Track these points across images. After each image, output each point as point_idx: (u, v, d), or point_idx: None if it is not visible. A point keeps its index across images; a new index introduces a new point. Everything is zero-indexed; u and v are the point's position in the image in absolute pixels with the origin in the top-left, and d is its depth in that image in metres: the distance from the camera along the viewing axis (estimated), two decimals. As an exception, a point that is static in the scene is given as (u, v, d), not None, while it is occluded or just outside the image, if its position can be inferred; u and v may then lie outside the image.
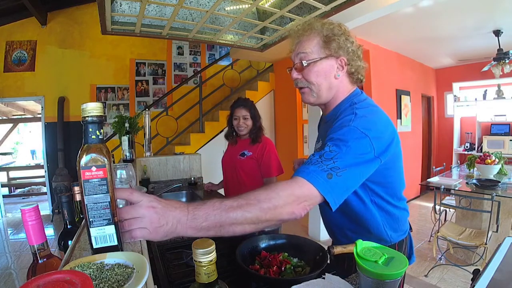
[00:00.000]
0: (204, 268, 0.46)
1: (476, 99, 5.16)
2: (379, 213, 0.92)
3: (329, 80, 0.90)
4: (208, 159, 3.20)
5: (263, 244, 0.94)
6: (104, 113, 4.98)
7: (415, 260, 1.04)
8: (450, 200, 3.38)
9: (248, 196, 0.66)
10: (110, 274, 0.46)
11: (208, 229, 0.61)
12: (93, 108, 0.53)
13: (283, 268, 0.80)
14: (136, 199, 0.59)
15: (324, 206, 0.74)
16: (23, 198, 5.99)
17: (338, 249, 0.81)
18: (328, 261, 0.80)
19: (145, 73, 5.42)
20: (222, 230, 0.62)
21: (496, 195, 2.27)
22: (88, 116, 0.52)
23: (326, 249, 0.81)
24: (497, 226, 2.34)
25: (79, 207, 0.84)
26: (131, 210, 0.57)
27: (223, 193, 2.18)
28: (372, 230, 0.93)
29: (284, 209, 0.66)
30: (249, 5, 1.41)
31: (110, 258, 0.50)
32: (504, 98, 4.75)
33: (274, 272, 0.78)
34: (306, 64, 0.88)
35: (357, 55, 0.93)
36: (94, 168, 0.52)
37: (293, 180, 0.71)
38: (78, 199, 0.82)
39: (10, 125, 7.14)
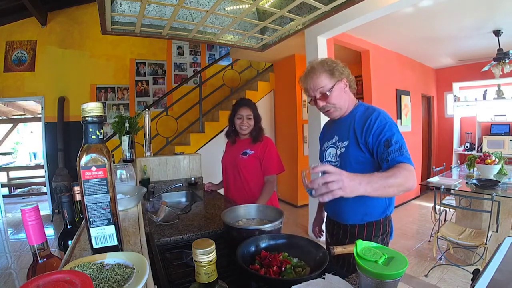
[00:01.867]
0: (204, 268, 0.46)
1: (476, 99, 5.16)
2: None
3: (343, 97, 1.26)
4: (208, 159, 3.20)
5: (263, 244, 0.94)
6: (104, 113, 4.98)
7: (393, 237, 1.32)
8: (450, 200, 3.38)
9: (393, 171, 0.99)
10: (110, 274, 0.46)
11: (376, 189, 0.91)
12: (93, 108, 0.53)
13: (283, 268, 0.80)
14: (333, 170, 0.83)
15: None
16: (23, 198, 5.99)
17: (338, 249, 0.83)
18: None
19: (145, 73, 5.42)
20: (384, 190, 0.93)
21: (496, 195, 2.27)
22: (88, 116, 0.53)
23: (326, 249, 0.82)
24: (497, 226, 2.34)
25: (79, 207, 0.84)
26: (330, 176, 0.82)
27: (222, 193, 2.18)
28: (378, 203, 1.23)
29: (410, 180, 0.99)
30: (249, 5, 1.41)
31: (110, 258, 0.50)
32: (504, 98, 4.75)
33: (274, 272, 0.78)
34: (329, 94, 1.22)
35: (348, 72, 1.28)
36: (94, 168, 0.52)
37: (404, 164, 1.04)
38: (78, 199, 0.83)
39: (10, 125, 7.14)
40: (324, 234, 1.52)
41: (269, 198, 1.88)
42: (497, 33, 3.69)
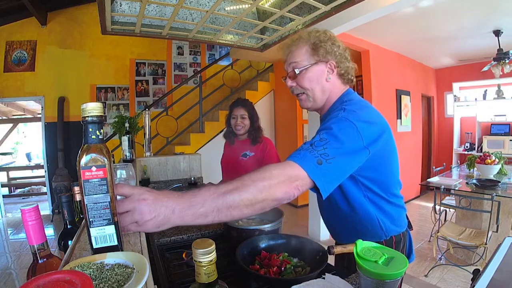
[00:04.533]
0: (204, 268, 0.46)
1: (476, 99, 5.16)
2: (373, 208, 0.94)
3: (321, 84, 0.95)
4: (208, 159, 3.19)
5: (263, 244, 0.94)
6: (104, 113, 4.98)
7: (415, 259, 1.06)
8: (450, 200, 3.38)
9: (242, 178, 0.67)
10: (110, 274, 0.46)
11: (206, 215, 0.61)
12: (93, 108, 0.53)
13: (283, 268, 0.80)
14: (128, 193, 0.59)
15: (321, 202, 0.76)
16: (23, 198, 5.99)
17: (338, 249, 0.82)
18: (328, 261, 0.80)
19: (145, 73, 5.42)
20: (220, 214, 0.62)
21: (496, 195, 2.27)
22: (88, 116, 0.52)
23: (326, 249, 0.82)
24: (497, 226, 2.34)
25: (79, 207, 0.84)
26: (122, 204, 0.58)
27: None
28: (367, 225, 0.95)
29: (278, 188, 0.67)
30: (249, 5, 1.41)
31: (110, 258, 0.50)
32: (504, 98, 4.75)
33: (274, 272, 0.78)
34: (298, 72, 0.94)
35: (345, 57, 0.98)
36: (94, 168, 0.52)
37: (284, 162, 0.72)
38: (78, 199, 0.82)
39: (10, 125, 7.14)
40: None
41: None
42: (497, 33, 3.69)
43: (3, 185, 5.73)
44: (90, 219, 0.53)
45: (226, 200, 0.62)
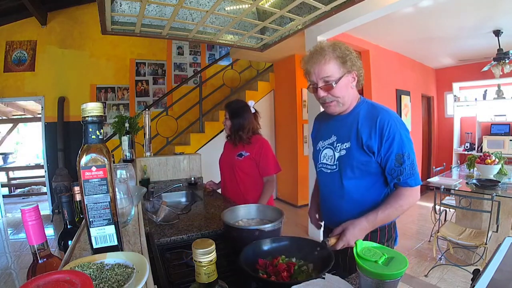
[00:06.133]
0: (204, 268, 0.46)
1: (476, 99, 5.16)
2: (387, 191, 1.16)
3: (349, 91, 1.12)
4: (208, 159, 3.19)
5: (265, 248, 0.91)
6: (104, 113, 4.99)
7: (397, 242, 1.26)
8: (450, 200, 3.38)
9: (399, 203, 1.06)
10: (110, 274, 0.46)
11: (381, 223, 1.07)
12: (93, 108, 0.53)
13: (292, 271, 0.79)
14: (340, 245, 0.99)
15: (337, 190, 1.15)
16: (23, 198, 5.99)
17: (332, 240, 0.94)
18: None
19: (145, 73, 5.42)
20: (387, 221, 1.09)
21: (496, 195, 2.27)
22: (88, 116, 0.53)
23: (322, 242, 0.89)
24: (497, 226, 2.34)
25: (79, 207, 0.84)
26: (340, 244, 0.98)
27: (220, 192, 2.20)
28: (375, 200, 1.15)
29: (412, 204, 1.08)
30: (249, 5, 1.41)
31: (110, 258, 0.50)
32: (504, 98, 4.75)
33: (286, 277, 0.76)
34: (334, 85, 1.07)
35: (361, 65, 1.14)
36: (94, 168, 0.52)
37: (414, 190, 1.08)
38: (78, 199, 0.82)
39: (10, 125, 7.14)
40: (322, 224, 1.36)
41: (269, 198, 1.90)
42: (497, 33, 3.69)
43: (3, 185, 5.73)
44: (90, 219, 0.53)
45: (391, 216, 1.07)
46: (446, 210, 2.85)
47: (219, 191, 2.23)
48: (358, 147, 1.09)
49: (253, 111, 2.02)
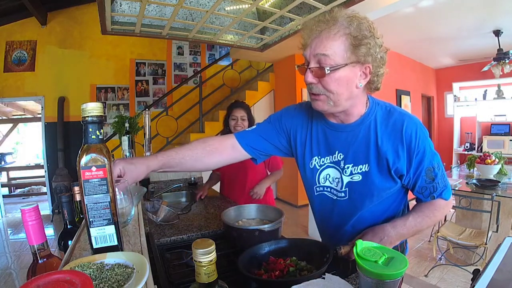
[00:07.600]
0: (204, 268, 0.46)
1: (476, 99, 5.16)
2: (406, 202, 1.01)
3: (350, 89, 0.77)
4: (208, 159, 3.19)
5: (267, 249, 0.91)
6: (104, 113, 4.98)
7: (408, 252, 1.10)
8: (450, 200, 3.38)
9: (432, 216, 0.89)
10: (110, 274, 0.46)
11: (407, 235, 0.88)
12: (93, 108, 0.53)
13: (285, 272, 0.79)
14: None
15: (356, 207, 0.89)
16: (23, 198, 5.99)
17: (346, 249, 0.84)
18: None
19: (145, 73, 5.41)
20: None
21: (496, 195, 2.27)
22: (88, 116, 0.53)
23: (333, 249, 0.81)
24: (497, 226, 2.34)
25: (79, 207, 0.84)
26: None
27: (217, 189, 2.23)
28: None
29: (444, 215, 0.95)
30: (249, 5, 1.41)
31: (110, 258, 0.50)
32: (504, 98, 4.75)
33: (276, 276, 0.76)
34: (328, 71, 0.73)
35: (384, 61, 0.79)
36: (94, 168, 0.52)
37: (449, 202, 0.91)
38: (78, 199, 0.82)
39: (10, 125, 7.14)
40: None
41: (274, 182, 2.10)
42: (497, 33, 3.69)
43: (3, 185, 5.73)
44: (90, 219, 0.53)
45: (422, 228, 0.90)
46: (446, 210, 2.84)
47: (216, 187, 2.25)
48: (381, 172, 0.82)
49: None
